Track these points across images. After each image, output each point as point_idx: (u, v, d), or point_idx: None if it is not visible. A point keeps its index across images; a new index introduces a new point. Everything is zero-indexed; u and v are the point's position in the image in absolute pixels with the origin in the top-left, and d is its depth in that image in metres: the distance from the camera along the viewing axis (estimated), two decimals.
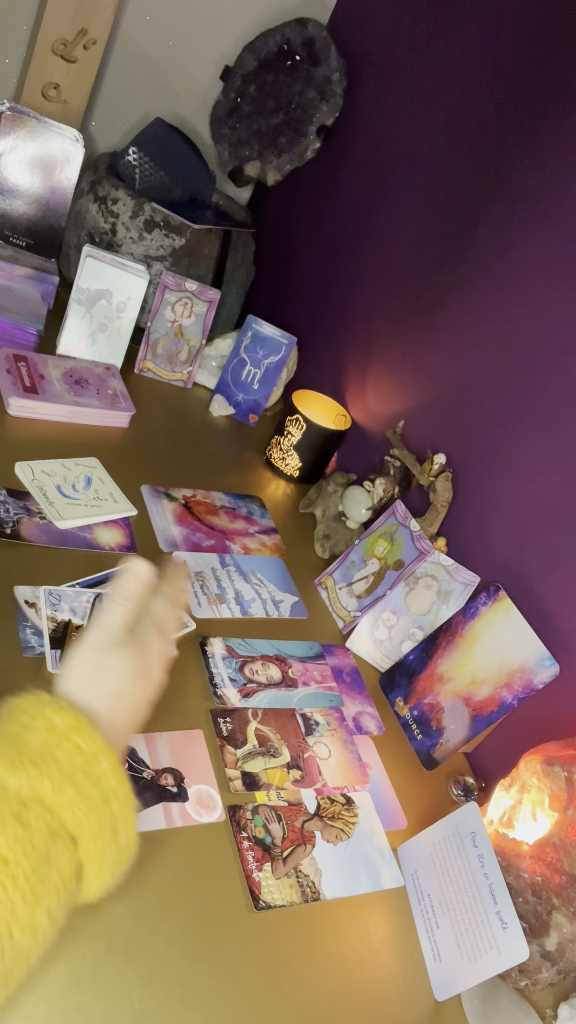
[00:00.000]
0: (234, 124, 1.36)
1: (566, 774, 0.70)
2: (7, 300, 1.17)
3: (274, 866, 0.69)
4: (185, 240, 1.27)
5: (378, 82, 1.25)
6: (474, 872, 0.69)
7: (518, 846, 0.71)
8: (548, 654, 0.82)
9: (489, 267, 0.99)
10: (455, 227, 1.06)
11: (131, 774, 0.69)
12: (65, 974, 0.55)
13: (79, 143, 1.22)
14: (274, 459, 1.24)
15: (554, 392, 0.88)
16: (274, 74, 1.34)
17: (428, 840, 0.74)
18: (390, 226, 1.19)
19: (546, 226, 0.91)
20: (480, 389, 0.99)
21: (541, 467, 0.89)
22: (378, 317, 1.21)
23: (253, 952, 0.63)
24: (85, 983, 0.55)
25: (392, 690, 0.94)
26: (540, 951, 0.66)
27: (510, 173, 0.97)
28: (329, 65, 1.27)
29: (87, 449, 1.04)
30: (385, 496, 1.09)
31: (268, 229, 1.49)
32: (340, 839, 0.75)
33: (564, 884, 0.67)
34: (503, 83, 1.00)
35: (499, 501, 0.94)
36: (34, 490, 0.92)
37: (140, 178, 1.26)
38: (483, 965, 0.65)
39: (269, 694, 0.84)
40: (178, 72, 1.41)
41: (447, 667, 0.90)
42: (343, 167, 1.31)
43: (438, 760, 0.87)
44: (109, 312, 1.19)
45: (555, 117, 0.92)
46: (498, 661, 0.85)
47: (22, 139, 1.20)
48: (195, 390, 1.35)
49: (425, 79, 1.14)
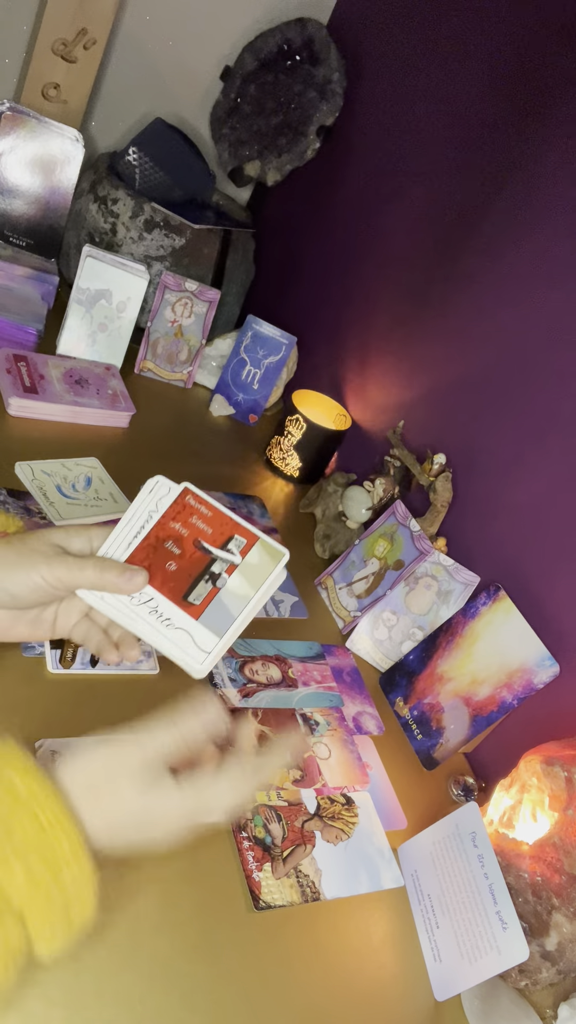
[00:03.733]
0: (234, 124, 1.36)
1: (566, 774, 0.70)
2: (7, 300, 1.16)
3: (274, 866, 0.69)
4: (185, 240, 1.27)
5: (378, 82, 1.25)
6: (474, 872, 0.69)
7: (518, 846, 0.71)
8: (548, 654, 0.82)
9: (489, 267, 0.99)
10: (455, 226, 1.06)
11: None
12: (65, 973, 0.55)
13: (79, 143, 1.22)
14: (274, 459, 1.24)
15: (554, 392, 0.88)
16: (274, 74, 1.33)
17: (428, 840, 0.74)
18: (390, 225, 1.19)
19: (546, 225, 0.91)
20: (480, 389, 0.99)
21: (541, 467, 0.89)
22: (378, 317, 1.21)
23: (253, 952, 0.63)
24: (85, 983, 0.55)
25: (392, 690, 0.94)
26: (540, 951, 0.66)
27: (510, 172, 0.97)
28: (329, 65, 1.27)
29: (87, 449, 1.04)
30: (385, 496, 1.09)
31: (268, 229, 1.49)
32: (340, 839, 0.75)
33: (564, 884, 0.67)
34: (503, 82, 1.00)
35: (499, 501, 0.94)
36: (34, 490, 0.92)
37: (140, 178, 1.26)
38: (483, 965, 0.65)
39: (269, 694, 0.84)
40: (178, 72, 1.41)
41: (447, 667, 0.90)
42: (343, 167, 1.31)
43: (438, 760, 0.87)
44: (109, 312, 1.19)
45: (555, 116, 0.92)
46: (498, 661, 0.85)
47: (22, 139, 1.20)
48: (195, 390, 1.35)
49: (425, 78, 1.14)
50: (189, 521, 0.57)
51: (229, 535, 0.57)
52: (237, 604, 0.54)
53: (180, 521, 0.57)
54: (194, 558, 0.56)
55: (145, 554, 0.55)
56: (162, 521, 0.57)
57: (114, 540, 0.56)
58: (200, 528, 0.56)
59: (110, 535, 0.56)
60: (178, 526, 0.57)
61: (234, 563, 0.55)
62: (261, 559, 0.56)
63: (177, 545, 0.56)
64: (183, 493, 0.58)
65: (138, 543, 0.56)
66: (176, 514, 0.57)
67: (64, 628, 0.59)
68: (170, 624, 0.54)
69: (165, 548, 0.56)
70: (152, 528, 0.56)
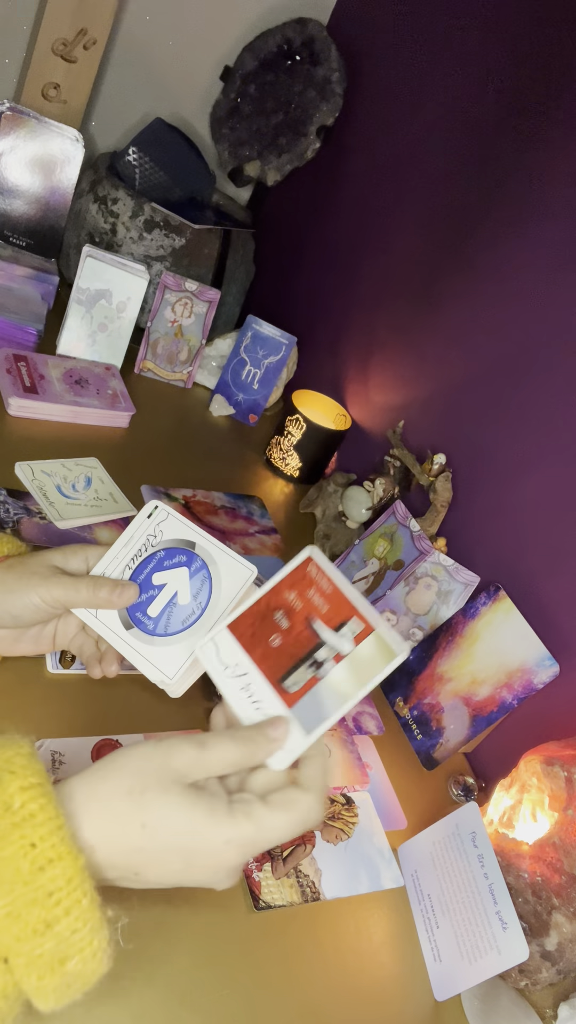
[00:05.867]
0: (234, 124, 1.36)
1: (566, 774, 0.70)
2: (7, 300, 1.17)
3: (274, 866, 0.69)
4: (185, 240, 1.27)
5: (378, 82, 1.25)
6: (474, 872, 0.69)
7: (518, 846, 0.71)
8: (548, 654, 0.82)
9: (489, 266, 0.99)
10: (455, 226, 1.06)
11: None
12: None
13: (79, 143, 1.22)
14: (274, 459, 1.24)
15: (554, 391, 0.88)
16: (274, 74, 1.33)
17: (428, 840, 0.74)
18: (390, 225, 1.19)
19: (547, 224, 0.91)
20: (480, 389, 0.99)
21: (541, 467, 0.89)
22: (378, 316, 1.21)
23: (253, 952, 0.63)
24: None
25: (392, 690, 0.94)
26: (540, 951, 0.66)
27: (511, 171, 0.97)
28: (329, 65, 1.27)
29: (87, 449, 1.04)
30: (385, 496, 1.09)
31: (268, 229, 1.49)
32: (340, 839, 0.75)
33: (564, 884, 0.67)
34: (503, 81, 1.00)
35: (499, 501, 0.94)
36: (34, 490, 0.92)
37: (140, 178, 1.26)
38: (483, 965, 0.65)
39: None
40: (178, 72, 1.41)
41: (447, 667, 0.90)
42: (343, 167, 1.31)
43: (438, 760, 0.87)
44: (109, 312, 1.19)
45: (554, 115, 0.92)
46: (498, 661, 0.85)
47: (22, 139, 1.20)
48: (195, 390, 1.35)
49: (425, 78, 1.14)
50: (305, 595, 0.49)
51: (346, 618, 0.48)
52: (334, 701, 0.46)
53: (296, 591, 0.50)
54: (301, 637, 0.48)
55: (251, 621, 0.50)
56: (278, 588, 0.50)
57: (109, 560, 0.58)
58: (315, 604, 0.49)
59: (105, 555, 0.58)
60: (292, 596, 0.50)
61: (343, 652, 0.47)
62: (372, 653, 0.47)
63: (287, 618, 0.49)
64: (306, 562, 0.50)
65: (247, 607, 0.50)
66: (294, 583, 0.50)
67: (63, 640, 0.62)
68: (259, 708, 0.47)
69: (273, 620, 0.49)
70: (265, 594, 0.50)
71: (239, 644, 0.50)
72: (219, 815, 0.41)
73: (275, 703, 0.47)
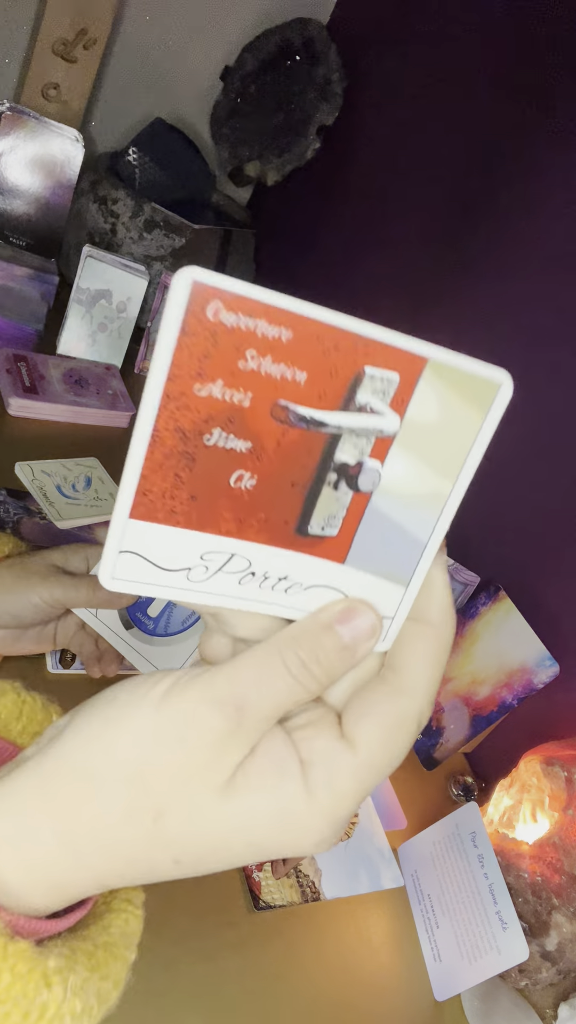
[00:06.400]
0: (234, 124, 1.36)
1: (566, 774, 0.70)
2: (7, 300, 1.16)
3: (274, 866, 0.69)
4: (185, 240, 1.27)
5: (378, 82, 1.25)
6: (474, 872, 0.69)
7: (518, 846, 0.71)
8: (548, 654, 0.82)
9: (489, 266, 0.99)
10: (455, 225, 1.06)
11: None
12: None
13: (79, 143, 1.22)
14: None
15: (554, 391, 0.88)
16: (274, 74, 1.33)
17: (428, 840, 0.74)
18: (390, 225, 1.19)
19: (547, 224, 0.91)
20: None
21: (542, 467, 0.89)
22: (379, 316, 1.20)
23: (253, 952, 0.63)
24: None
25: None
26: (540, 951, 0.66)
27: (511, 170, 0.97)
28: (329, 65, 1.27)
29: (87, 449, 1.04)
30: None
31: (268, 229, 1.49)
32: (340, 839, 0.75)
33: (564, 884, 0.67)
34: (502, 81, 1.00)
35: (499, 501, 0.94)
36: (34, 490, 0.92)
37: (140, 178, 1.26)
38: (483, 965, 0.65)
39: None
40: (178, 72, 1.41)
41: (447, 667, 0.90)
42: (343, 167, 1.31)
43: (438, 760, 0.87)
44: (109, 312, 1.19)
45: (554, 115, 0.92)
46: (498, 661, 0.85)
47: (22, 139, 1.20)
48: None
49: (425, 78, 1.14)
50: (235, 368, 0.23)
51: (354, 370, 0.25)
52: (419, 511, 0.28)
53: (218, 374, 0.23)
54: (289, 449, 0.24)
55: (160, 477, 0.24)
56: (175, 382, 0.22)
57: None
58: (273, 376, 0.23)
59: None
60: (218, 388, 0.23)
61: (385, 432, 0.25)
62: (444, 400, 0.26)
63: (240, 431, 0.23)
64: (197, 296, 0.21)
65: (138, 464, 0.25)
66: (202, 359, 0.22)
67: (64, 639, 0.62)
68: (291, 587, 0.26)
69: (214, 450, 0.24)
70: (157, 411, 0.23)
71: (180, 527, 0.24)
72: (294, 815, 0.25)
73: (309, 565, 0.26)
